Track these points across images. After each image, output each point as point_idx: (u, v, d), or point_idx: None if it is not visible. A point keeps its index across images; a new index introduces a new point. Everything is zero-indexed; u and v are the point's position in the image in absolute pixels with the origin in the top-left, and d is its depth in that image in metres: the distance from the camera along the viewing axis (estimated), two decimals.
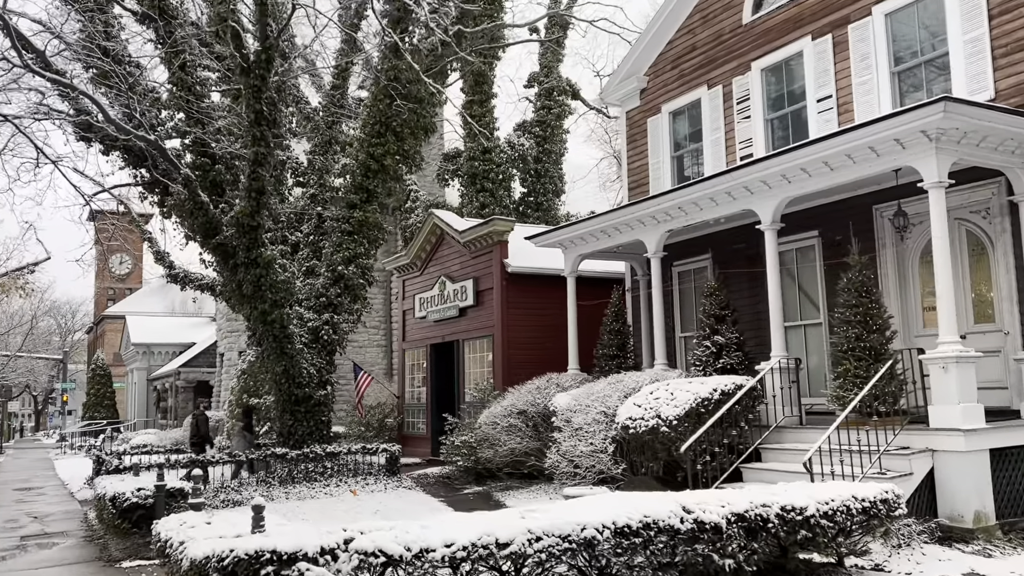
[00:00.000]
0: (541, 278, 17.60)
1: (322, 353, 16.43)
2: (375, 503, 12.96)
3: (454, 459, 15.24)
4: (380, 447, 15.61)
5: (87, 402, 47.09)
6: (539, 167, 25.75)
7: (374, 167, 16.45)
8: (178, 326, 46.35)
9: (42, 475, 23.79)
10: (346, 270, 16.58)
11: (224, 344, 33.38)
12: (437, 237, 20.10)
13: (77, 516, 13.85)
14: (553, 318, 17.63)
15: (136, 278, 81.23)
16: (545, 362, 17.18)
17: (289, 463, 14.83)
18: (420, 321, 20.81)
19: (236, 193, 14.92)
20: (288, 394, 15.78)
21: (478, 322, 18.19)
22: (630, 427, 10.09)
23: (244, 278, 14.46)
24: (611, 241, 14.17)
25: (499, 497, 12.90)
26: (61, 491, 18.60)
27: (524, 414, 12.70)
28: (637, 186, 16.17)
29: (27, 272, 20.16)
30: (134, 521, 9.39)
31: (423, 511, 11.86)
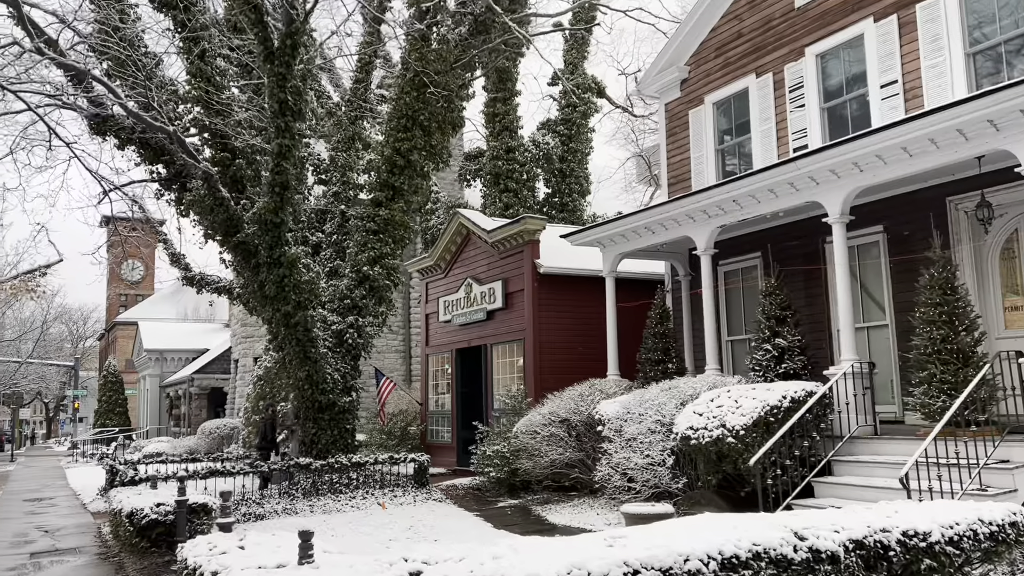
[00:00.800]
0: (574, 279, 16.78)
1: (346, 358, 15.66)
2: (407, 518, 12.14)
3: (486, 470, 14.41)
4: (408, 457, 14.80)
5: (99, 409, 46.49)
6: (564, 166, 24.95)
7: (400, 163, 15.70)
8: (191, 332, 45.72)
9: (53, 485, 23.08)
10: (371, 271, 15.82)
11: (239, 350, 32.67)
12: (463, 238, 19.31)
13: (90, 530, 13.08)
14: (587, 321, 16.82)
15: (148, 284, 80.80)
16: (579, 367, 16.37)
17: (313, 474, 14.03)
18: (444, 325, 20.01)
19: (258, 189, 14.18)
20: (311, 401, 15.00)
21: (507, 325, 17.37)
22: (691, 437, 9.24)
23: (267, 278, 13.70)
24: (654, 239, 13.35)
25: (539, 512, 12.06)
26: (73, 502, 17.86)
27: (567, 423, 11.86)
28: (677, 182, 15.34)
29: (39, 275, 19.50)
30: (153, 539, 8.61)
31: (462, 528, 11.02)
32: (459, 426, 19.24)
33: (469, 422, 19.41)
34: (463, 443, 19.09)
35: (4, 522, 14.60)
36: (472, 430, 19.40)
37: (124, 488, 11.61)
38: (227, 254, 14.65)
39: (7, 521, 14.72)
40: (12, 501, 18.53)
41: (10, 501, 18.54)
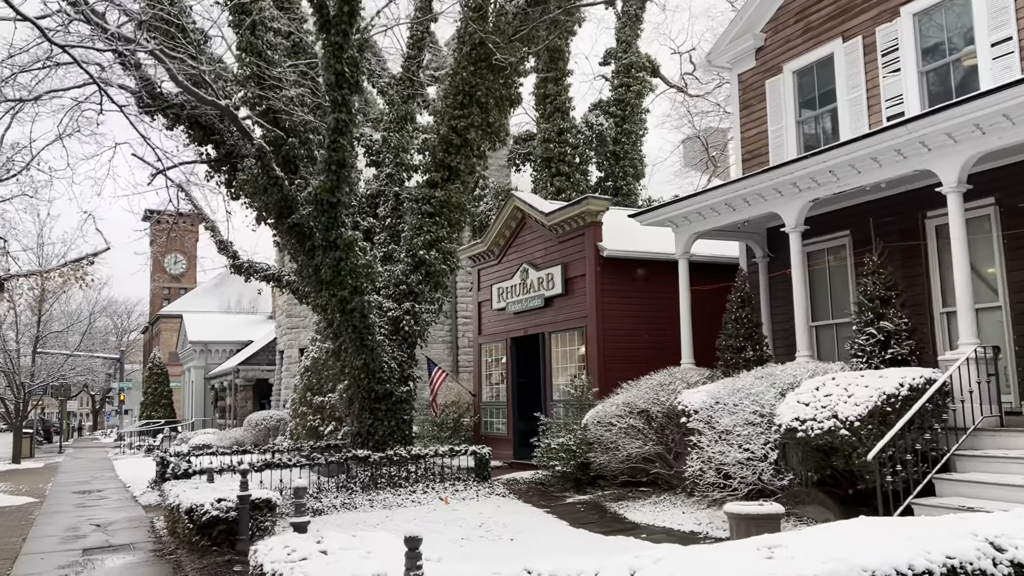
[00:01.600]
0: (639, 263, 15.90)
1: (403, 346, 14.96)
2: (474, 514, 11.40)
3: (551, 464, 13.63)
4: (469, 449, 14.07)
5: (144, 401, 46.64)
6: (617, 148, 24.00)
7: (456, 141, 14.92)
8: (235, 324, 45.61)
9: (102, 476, 22.83)
10: (428, 255, 15.08)
11: (284, 341, 32.29)
12: (517, 222, 18.52)
13: (143, 525, 12.57)
14: (654, 307, 15.94)
15: (190, 278, 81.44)
16: (644, 356, 15.51)
17: (371, 467, 13.38)
18: (498, 313, 19.26)
19: (311, 169, 13.52)
20: (368, 390, 14.33)
21: (567, 312, 16.55)
22: (798, 430, 8.35)
23: (322, 262, 13.03)
24: (735, 216, 12.43)
25: (616, 509, 11.24)
26: (123, 494, 17.47)
27: (645, 414, 11.01)
28: (753, 156, 14.37)
29: (87, 263, 19.10)
30: (213, 537, 7.97)
31: (536, 526, 10.25)
32: (516, 418, 18.50)
33: (526, 413, 18.66)
34: (520, 435, 18.34)
35: (55, 516, 14.18)
36: (530, 421, 18.66)
37: (178, 481, 11.03)
38: (280, 237, 14.02)
39: (58, 515, 14.31)
40: (62, 493, 18.22)
41: (60, 493, 18.22)
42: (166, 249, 26.04)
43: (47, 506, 15.73)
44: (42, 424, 58.74)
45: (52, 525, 12.99)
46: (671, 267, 16.03)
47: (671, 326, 15.88)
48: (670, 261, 15.99)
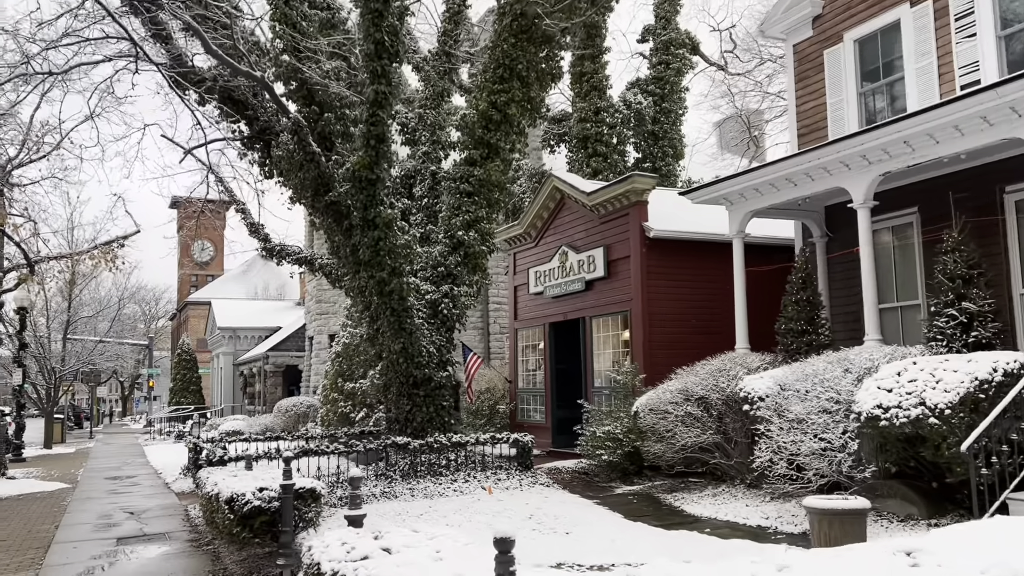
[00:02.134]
0: (687, 244, 15.24)
1: (441, 329, 14.45)
2: (520, 505, 10.87)
3: (597, 452, 13.08)
4: (511, 437, 13.54)
5: (173, 387, 46.73)
6: (656, 128, 23.26)
7: (496, 117, 14.33)
8: (263, 310, 45.46)
9: (133, 462, 22.62)
10: (466, 236, 14.54)
11: (313, 327, 31.99)
12: (556, 202, 17.90)
13: (177, 512, 12.19)
14: (701, 290, 15.29)
15: (217, 265, 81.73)
16: (692, 341, 14.89)
17: (410, 454, 12.89)
18: (535, 297, 18.68)
19: (349, 147, 13.00)
20: (406, 375, 13.84)
21: (609, 296, 15.94)
22: (880, 418, 7.71)
23: (360, 241, 12.52)
24: (795, 192, 11.74)
25: (671, 501, 10.66)
26: (155, 481, 17.17)
27: (704, 402, 10.40)
28: (809, 131, 13.64)
29: (117, 247, 18.78)
30: (255, 529, 7.50)
31: (589, 519, 9.69)
32: (554, 405, 17.95)
33: (565, 401, 18.12)
34: (559, 423, 17.81)
35: (88, 502, 13.86)
36: (569, 409, 18.12)
37: (214, 469, 10.61)
38: (316, 217, 13.54)
39: (91, 501, 13.99)
40: (94, 479, 17.96)
41: (92, 479, 17.97)
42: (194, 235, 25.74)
43: (79, 492, 15.45)
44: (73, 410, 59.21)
45: (85, 512, 12.66)
46: (720, 248, 15.40)
47: (720, 310, 15.26)
48: (719, 242, 15.36)
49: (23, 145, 17.71)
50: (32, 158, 18.03)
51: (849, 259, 12.92)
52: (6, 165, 17.23)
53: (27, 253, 17.32)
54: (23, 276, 18.18)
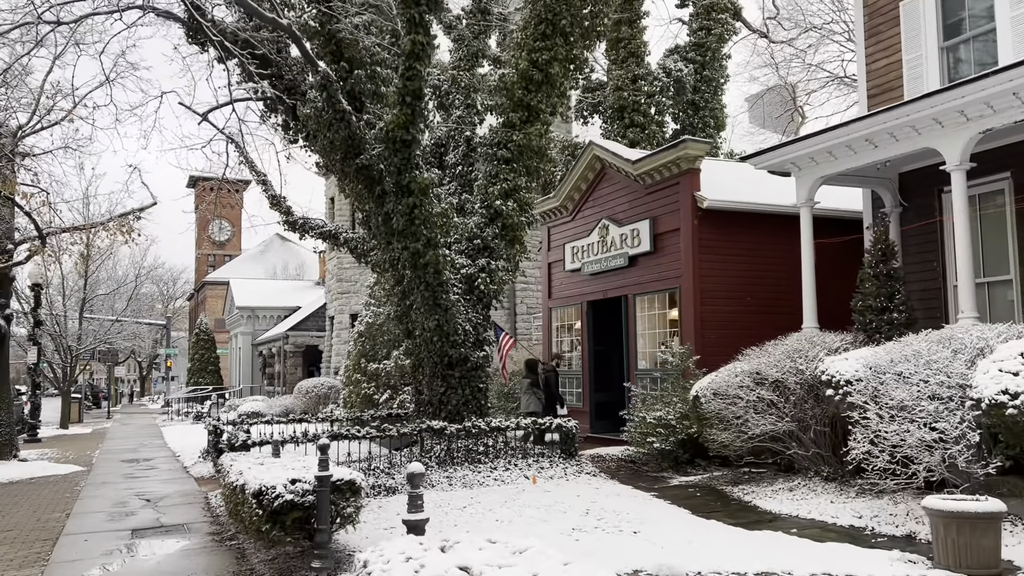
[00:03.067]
0: (742, 216, 14.14)
1: (477, 306, 13.45)
2: (571, 497, 9.89)
3: (647, 439, 12.07)
4: (554, 423, 12.56)
5: (191, 367, 46.16)
6: (696, 97, 22.05)
7: (537, 77, 13.23)
8: (282, 290, 44.69)
9: (151, 444, 21.86)
10: (504, 206, 13.49)
11: (334, 307, 31.14)
12: (596, 173, 16.81)
13: (197, 501, 11.32)
14: (758, 266, 14.22)
15: (235, 245, 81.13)
16: (747, 320, 13.85)
17: (446, 439, 11.95)
18: (572, 275, 17.64)
19: (380, 107, 11.96)
20: (440, 355, 12.87)
21: (656, 272, 14.87)
22: (1008, 405, 6.64)
23: (394, 209, 11.52)
24: (874, 155, 10.61)
25: (739, 495, 9.64)
26: (173, 464, 16.35)
27: (779, 386, 9.34)
28: (882, 91, 12.46)
29: (133, 218, 17.89)
30: (286, 526, 6.55)
31: (653, 515, 8.69)
32: (592, 388, 16.95)
33: (603, 384, 17.12)
34: (597, 407, 16.83)
35: (103, 487, 13.04)
36: (607, 392, 17.13)
37: (237, 455, 9.68)
38: (345, 183, 12.52)
39: (106, 486, 13.17)
40: (110, 462, 17.18)
41: (108, 462, 17.19)
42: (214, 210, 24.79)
43: (94, 476, 14.64)
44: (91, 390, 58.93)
45: (98, 499, 11.82)
46: (778, 221, 14.32)
47: (779, 287, 14.20)
48: (778, 214, 14.30)
49: (34, 111, 16.79)
50: (43, 125, 17.12)
51: (927, 231, 11.81)
52: (16, 132, 16.32)
53: (38, 224, 16.44)
54: (34, 248, 17.32)
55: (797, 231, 14.12)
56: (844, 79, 27.00)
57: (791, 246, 14.37)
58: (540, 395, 14.67)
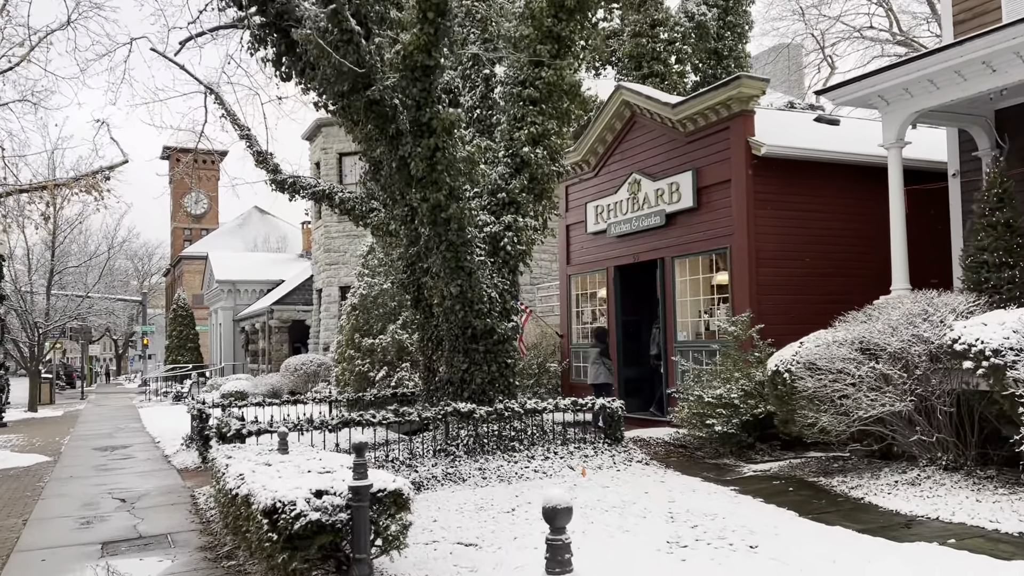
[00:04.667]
0: (802, 166, 12.40)
1: (503, 270, 11.69)
2: (637, 494, 8.22)
3: (707, 422, 10.42)
4: (597, 403, 10.87)
5: (169, 345, 44.02)
6: (720, 45, 20.23)
7: (569, 3, 11.37)
8: (264, 263, 42.57)
9: (127, 428, 19.96)
10: (532, 153, 11.68)
11: (322, 279, 29.21)
12: (624, 121, 15.00)
13: (182, 500, 9.52)
14: (820, 222, 12.54)
15: (212, 218, 78.49)
16: (807, 284, 12.23)
17: (474, 423, 10.22)
18: (595, 237, 15.87)
19: (392, 33, 10.04)
20: (463, 326, 11.11)
21: (699, 231, 13.14)
22: None
23: (412, 151, 9.67)
24: (989, 82, 8.90)
25: (841, 488, 8.00)
26: (152, 452, 14.51)
27: (897, 358, 7.66)
28: (974, 16, 10.73)
29: (103, 177, 15.86)
30: (311, 555, 4.79)
31: (752, 517, 7.01)
32: (620, 363, 15.23)
33: (633, 358, 15.44)
34: (626, 384, 15.14)
35: (70, 483, 11.19)
36: (638, 368, 15.46)
37: (232, 450, 7.87)
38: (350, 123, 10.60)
39: (73, 481, 11.32)
40: (81, 450, 15.30)
41: (78, 450, 15.30)
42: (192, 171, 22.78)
43: (61, 468, 12.79)
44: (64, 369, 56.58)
45: (64, 498, 9.98)
46: (842, 172, 12.65)
47: (843, 246, 12.57)
48: (844, 164, 12.61)
49: None
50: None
51: None
52: None
53: None
54: None
55: (862, 183, 12.51)
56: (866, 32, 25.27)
57: (857, 200, 12.74)
58: (610, 365, 13.74)
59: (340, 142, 29.33)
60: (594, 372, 13.99)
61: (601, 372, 13.79)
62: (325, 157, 29.02)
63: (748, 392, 10.42)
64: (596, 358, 14.04)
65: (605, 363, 13.93)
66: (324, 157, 29.04)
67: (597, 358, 14.01)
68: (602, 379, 13.76)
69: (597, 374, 13.86)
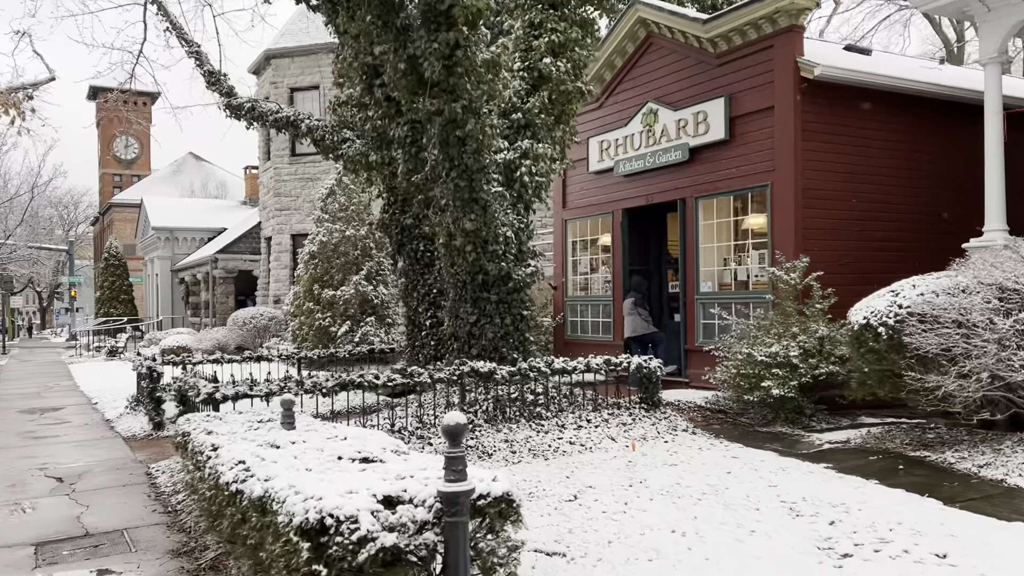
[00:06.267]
0: (854, 94, 10.86)
1: (518, 205, 9.91)
2: (720, 475, 6.68)
3: (763, 384, 8.94)
4: (634, 362, 9.27)
5: (100, 296, 40.98)
6: None
7: None
8: (204, 209, 39.68)
9: (58, 387, 17.65)
10: (553, 66, 9.87)
11: (271, 226, 26.89)
12: (638, 43, 13.24)
13: (136, 479, 7.62)
14: (871, 159, 11.08)
15: (143, 165, 74.06)
16: (853, 229, 10.86)
17: (493, 385, 8.54)
18: (599, 177, 14.17)
19: None
20: (473, 270, 9.34)
21: (729, 167, 11.55)
22: None
23: (427, 48, 7.75)
24: None
25: (965, 467, 6.58)
26: (90, 416, 12.43)
27: None
28: None
29: (25, 96, 13.41)
30: None
31: (904, 512, 5.52)
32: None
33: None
34: (635, 344, 13.61)
35: None
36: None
37: (212, 423, 6.01)
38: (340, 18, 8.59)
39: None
40: (3, 413, 13.10)
41: (1, 413, 13.09)
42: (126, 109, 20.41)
43: None
44: None
45: None
46: (897, 103, 11.18)
47: (893, 187, 11.19)
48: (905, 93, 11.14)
49: None
50: None
51: None
52: None
53: None
54: None
55: (917, 116, 11.12)
56: None
57: (908, 136, 11.34)
58: (647, 316, 12.36)
59: (292, 76, 26.85)
60: (631, 324, 12.61)
61: (639, 324, 12.38)
62: (275, 92, 26.51)
63: (807, 350, 8.98)
64: (631, 308, 12.59)
65: (641, 313, 12.50)
66: (274, 92, 26.53)
67: (632, 308, 12.51)
68: (640, 331, 12.37)
69: (635, 326, 12.48)
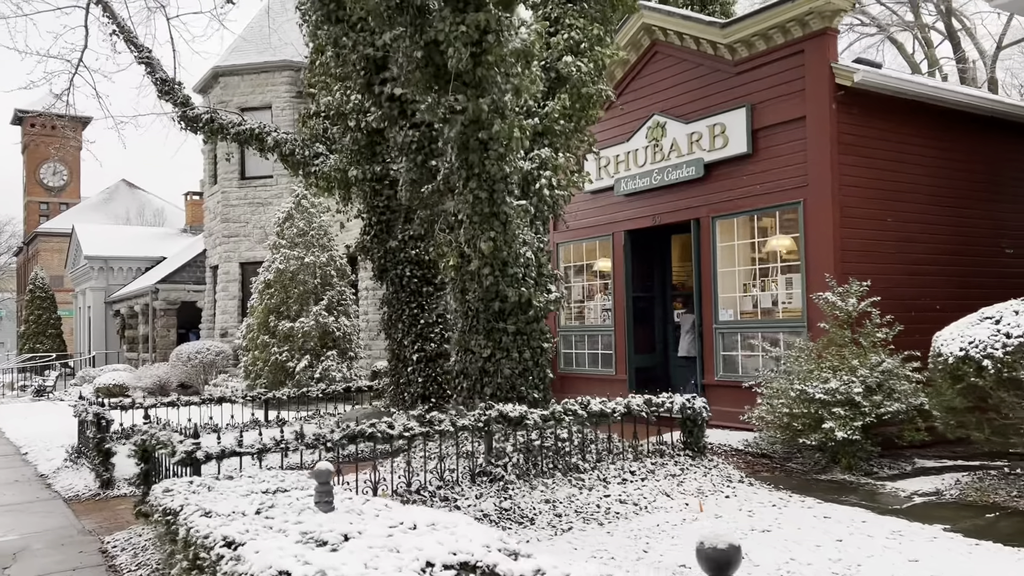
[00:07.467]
0: (892, 104, 9.98)
1: (536, 222, 8.68)
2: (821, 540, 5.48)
3: (824, 426, 7.81)
4: (678, 402, 8.04)
5: (25, 331, 38.06)
6: None
7: None
8: (140, 237, 37.32)
9: None
10: (573, 66, 8.73)
11: (217, 254, 25.02)
12: (642, 51, 12.24)
13: (87, 559, 6.02)
14: (910, 175, 10.22)
15: (73, 192, 70.38)
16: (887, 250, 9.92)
17: (518, 431, 7.21)
18: (597, 196, 13.02)
19: None
20: (489, 296, 8.03)
21: (751, 183, 10.53)
22: None
23: (449, 33, 6.50)
24: None
25: None
26: (20, 470, 10.60)
27: None
28: None
29: None
30: None
31: None
32: (631, 350, 12.52)
33: (647, 344, 12.82)
34: (637, 375, 12.43)
35: None
36: (651, 355, 12.85)
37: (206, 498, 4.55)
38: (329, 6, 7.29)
39: None
40: None
41: None
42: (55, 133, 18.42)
43: None
44: None
45: None
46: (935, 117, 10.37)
47: (931, 205, 10.36)
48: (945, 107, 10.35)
49: None
50: None
51: None
52: None
53: None
54: None
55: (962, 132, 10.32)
56: None
57: (945, 152, 10.55)
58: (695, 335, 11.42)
59: (242, 95, 25.20)
60: (687, 344, 12.05)
61: (694, 347, 11.41)
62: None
63: (870, 386, 7.93)
64: (691, 327, 11.69)
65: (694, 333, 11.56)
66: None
67: (692, 327, 11.62)
68: (693, 352, 11.53)
69: (690, 347, 11.79)
